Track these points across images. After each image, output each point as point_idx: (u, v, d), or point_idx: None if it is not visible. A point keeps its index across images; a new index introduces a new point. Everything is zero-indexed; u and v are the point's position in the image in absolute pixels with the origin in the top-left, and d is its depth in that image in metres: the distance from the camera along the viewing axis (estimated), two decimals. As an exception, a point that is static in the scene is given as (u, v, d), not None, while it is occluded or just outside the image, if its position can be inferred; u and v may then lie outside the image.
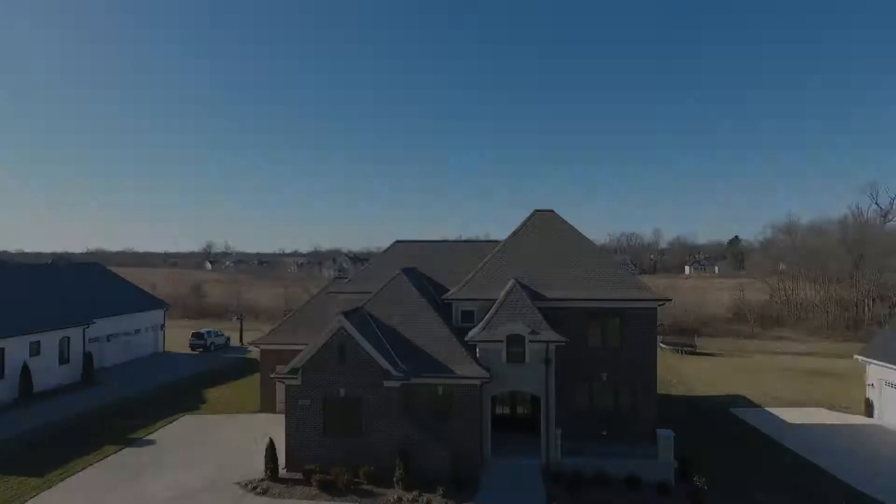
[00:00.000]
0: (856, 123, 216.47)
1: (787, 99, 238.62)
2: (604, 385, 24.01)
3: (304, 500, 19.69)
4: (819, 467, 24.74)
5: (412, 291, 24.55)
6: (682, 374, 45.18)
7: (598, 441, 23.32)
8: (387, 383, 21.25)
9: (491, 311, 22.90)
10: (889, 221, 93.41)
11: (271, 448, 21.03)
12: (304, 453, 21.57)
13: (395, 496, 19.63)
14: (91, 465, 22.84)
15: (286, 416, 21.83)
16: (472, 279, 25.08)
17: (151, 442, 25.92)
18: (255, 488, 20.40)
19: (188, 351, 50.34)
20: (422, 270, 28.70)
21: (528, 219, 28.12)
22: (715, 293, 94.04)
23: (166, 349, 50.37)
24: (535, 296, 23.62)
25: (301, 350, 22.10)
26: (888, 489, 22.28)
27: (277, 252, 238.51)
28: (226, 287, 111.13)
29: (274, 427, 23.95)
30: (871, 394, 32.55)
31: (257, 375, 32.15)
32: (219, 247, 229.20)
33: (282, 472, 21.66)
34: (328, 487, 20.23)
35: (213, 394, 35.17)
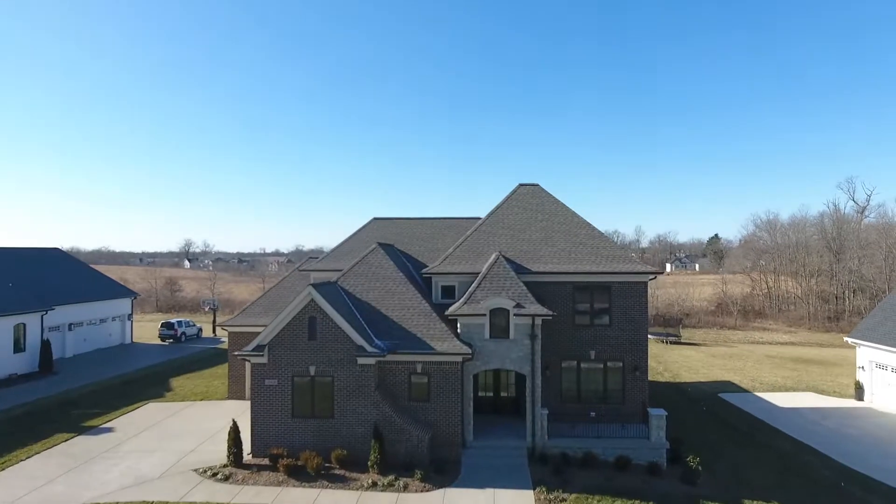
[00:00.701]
0: (828, 119, 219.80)
1: (763, 99, 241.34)
2: (592, 363, 22.74)
3: (270, 486, 18.06)
4: (812, 448, 23.88)
5: (389, 265, 23.02)
6: (667, 362, 44.35)
7: (586, 422, 22.08)
8: (360, 360, 19.70)
9: (473, 284, 21.48)
10: (865, 217, 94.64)
11: (234, 431, 19.34)
12: (271, 437, 19.94)
13: (370, 480, 18.11)
14: (37, 453, 20.92)
15: (251, 398, 20.15)
16: (453, 253, 23.64)
17: (109, 430, 24.02)
18: (215, 475, 18.70)
19: (158, 342, 48.14)
20: (400, 248, 27.19)
21: (513, 192, 26.77)
22: (697, 288, 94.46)
23: (135, 340, 48.12)
24: (519, 269, 22.27)
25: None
26: (883, 469, 21.42)
27: (258, 251, 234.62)
28: (202, 283, 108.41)
29: (242, 413, 22.22)
30: (862, 377, 31.83)
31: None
32: (198, 246, 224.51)
33: (247, 457, 20.01)
34: (297, 472, 18.62)
35: (180, 382, 33.21)
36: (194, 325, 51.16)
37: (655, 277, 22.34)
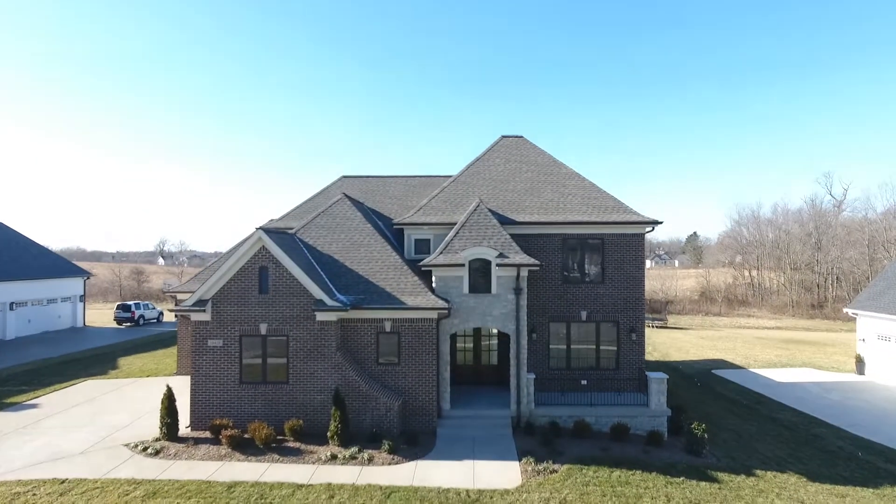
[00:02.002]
0: (806, 116, 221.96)
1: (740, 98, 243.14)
2: (583, 325, 20.36)
3: (209, 460, 15.29)
4: (820, 420, 21.90)
5: (356, 216, 20.36)
6: (655, 343, 42.42)
7: (577, 391, 19.71)
8: (320, 315, 17.02)
9: (450, 233, 18.93)
10: (843, 212, 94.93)
11: (168, 399, 16.51)
12: (214, 407, 17.15)
13: (329, 453, 15.45)
14: (-61, 430, 17.85)
15: (192, 361, 17.33)
16: (429, 204, 21.07)
17: (33, 406, 20.93)
18: (145, 449, 15.87)
19: (115, 326, 44.69)
20: (371, 207, 24.54)
21: (494, 144, 24.29)
22: (680, 280, 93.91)
23: (91, 325, 44.63)
24: (503, 220, 19.78)
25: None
26: (899, 437, 19.51)
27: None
28: (171, 276, 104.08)
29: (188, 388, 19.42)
30: (863, 349, 30.06)
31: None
32: (174, 244, 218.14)
33: (185, 430, 17.22)
34: (242, 446, 15.89)
35: (129, 361, 30.09)
36: (154, 308, 47.76)
37: (653, 229, 20.06)
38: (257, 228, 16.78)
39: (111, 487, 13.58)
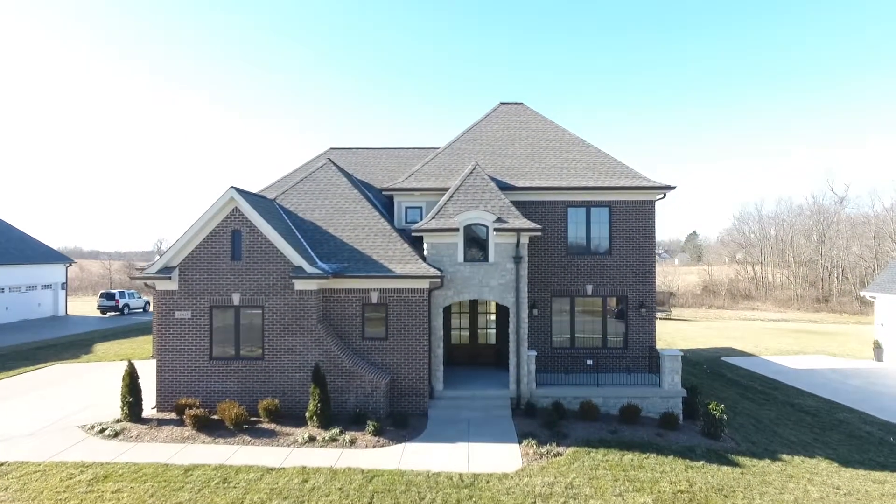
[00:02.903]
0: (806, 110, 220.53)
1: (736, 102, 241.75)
2: (589, 300, 18.74)
3: (171, 442, 13.64)
4: (843, 405, 20.30)
5: (342, 182, 18.72)
6: (660, 333, 40.64)
7: (582, 372, 18.12)
8: (299, 284, 15.38)
9: (444, 197, 17.29)
10: (844, 208, 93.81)
11: (130, 377, 14.86)
12: (182, 386, 15.51)
13: (306, 435, 13.81)
14: None
15: (158, 336, 15.68)
16: (421, 170, 19.42)
17: (-9, 390, 19.30)
18: (102, 431, 14.22)
19: (99, 316, 43.00)
20: (362, 179, 22.88)
21: (493, 110, 22.64)
22: (682, 276, 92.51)
23: (73, 314, 42.95)
24: (501, 186, 18.14)
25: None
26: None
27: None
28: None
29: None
30: (882, 335, 28.46)
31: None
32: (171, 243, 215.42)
33: (151, 412, 15.59)
34: (209, 427, 14.26)
35: (105, 347, 28.43)
36: (140, 298, 46.06)
37: (665, 196, 18.44)
38: (231, 187, 15.12)
39: (54, 471, 11.93)
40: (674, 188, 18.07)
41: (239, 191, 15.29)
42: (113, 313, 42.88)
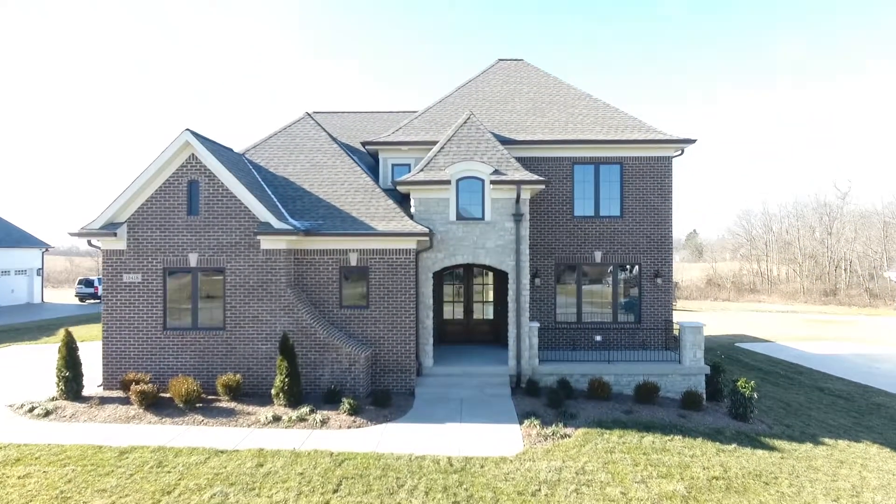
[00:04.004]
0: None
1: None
2: (598, 269, 16.72)
3: (113, 422, 11.59)
4: (879, 389, 18.29)
5: (320, 136, 16.67)
6: (667, 321, 38.84)
7: (590, 349, 16.12)
8: (265, 242, 13.34)
9: (434, 148, 15.25)
10: (847, 204, 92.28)
11: (68, 348, 12.84)
12: (132, 360, 13.47)
13: (270, 415, 11.76)
14: None
15: (104, 303, 13.63)
16: (410, 124, 17.37)
17: (-72, 371, 17.24)
18: (31, 410, 12.17)
19: (77, 303, 40.91)
20: (344, 143, 20.81)
21: (490, 67, 20.58)
22: (686, 272, 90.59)
23: (52, 302, 40.84)
24: (500, 140, 16.08)
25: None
26: None
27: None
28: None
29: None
30: (909, 317, 26.42)
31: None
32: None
33: (98, 389, 13.56)
34: (159, 405, 12.23)
35: (73, 331, 26.26)
36: (122, 286, 43.86)
37: (682, 152, 16.45)
38: (186, 130, 13.06)
39: (-43, 453, 9.89)
40: (694, 142, 16.05)
41: (195, 135, 13.24)
42: (92, 301, 40.77)
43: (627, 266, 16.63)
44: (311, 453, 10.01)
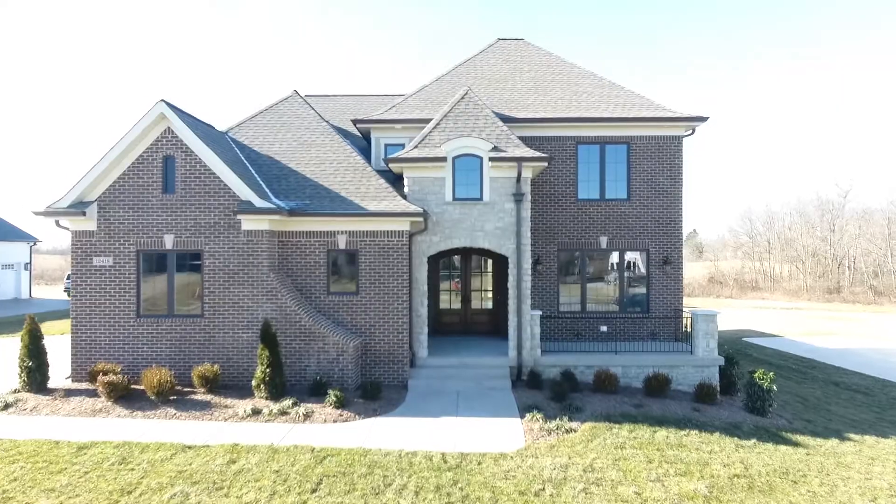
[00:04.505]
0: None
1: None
2: (603, 255, 15.77)
3: (77, 416, 10.63)
4: (897, 383, 17.44)
5: (308, 114, 15.71)
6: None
7: (595, 340, 15.18)
8: (247, 223, 12.37)
9: (430, 124, 14.29)
10: (849, 202, 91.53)
11: (31, 336, 11.88)
12: (103, 349, 12.50)
13: (250, 408, 10.80)
14: None
15: (73, 289, 12.66)
16: (404, 102, 16.42)
17: None
18: (-10, 401, 11.22)
19: (65, 298, 39.90)
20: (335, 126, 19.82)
21: (489, 46, 19.62)
22: (687, 269, 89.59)
23: (38, 296, 39.83)
24: (499, 118, 15.13)
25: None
26: None
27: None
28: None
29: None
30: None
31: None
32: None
33: (66, 381, 12.60)
34: (130, 398, 11.27)
35: (55, 324, 25.44)
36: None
37: (693, 131, 15.51)
38: (160, 101, 12.09)
39: None
40: (705, 119, 15.10)
41: (171, 106, 12.26)
42: (82, 297, 39.69)
43: (635, 252, 15.67)
44: (291, 449, 9.05)
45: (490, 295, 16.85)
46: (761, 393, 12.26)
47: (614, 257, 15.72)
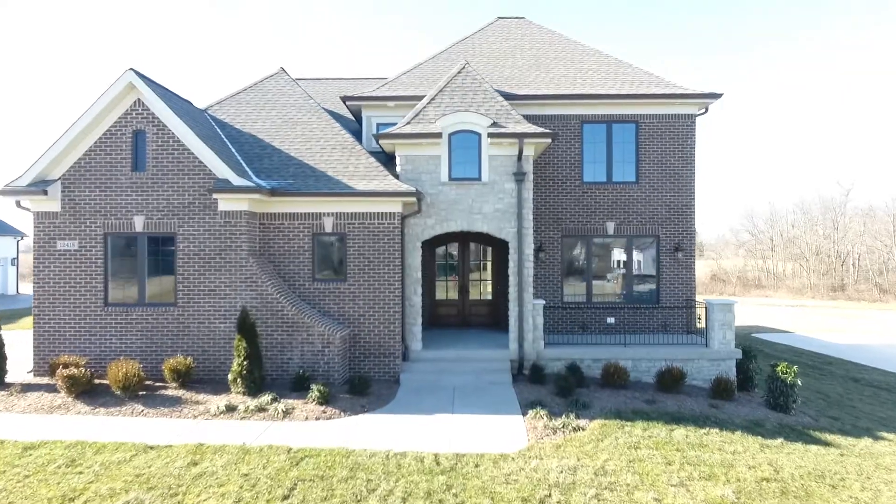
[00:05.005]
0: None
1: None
2: (610, 242, 14.76)
3: (33, 413, 9.61)
4: (927, 381, 16.43)
5: (295, 91, 14.70)
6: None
7: (601, 332, 14.18)
8: (224, 202, 11.36)
9: (424, 99, 13.28)
10: (850, 201, 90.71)
11: (-12, 323, 10.85)
12: (68, 341, 11.48)
13: (224, 404, 9.78)
14: None
15: (35, 275, 11.64)
16: (398, 79, 15.40)
17: None
18: (-62, 397, 10.21)
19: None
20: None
21: (488, 25, 18.61)
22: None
23: (24, 291, 38.78)
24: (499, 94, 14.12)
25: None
26: None
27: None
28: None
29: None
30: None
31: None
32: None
33: (28, 375, 11.58)
34: (93, 393, 10.26)
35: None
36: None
37: (706, 110, 14.52)
38: (129, 69, 11.09)
39: None
40: (720, 96, 14.09)
41: (141, 76, 11.25)
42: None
43: (644, 238, 14.66)
44: (264, 449, 8.04)
45: (489, 285, 15.84)
46: (784, 388, 11.26)
47: (622, 244, 14.70)
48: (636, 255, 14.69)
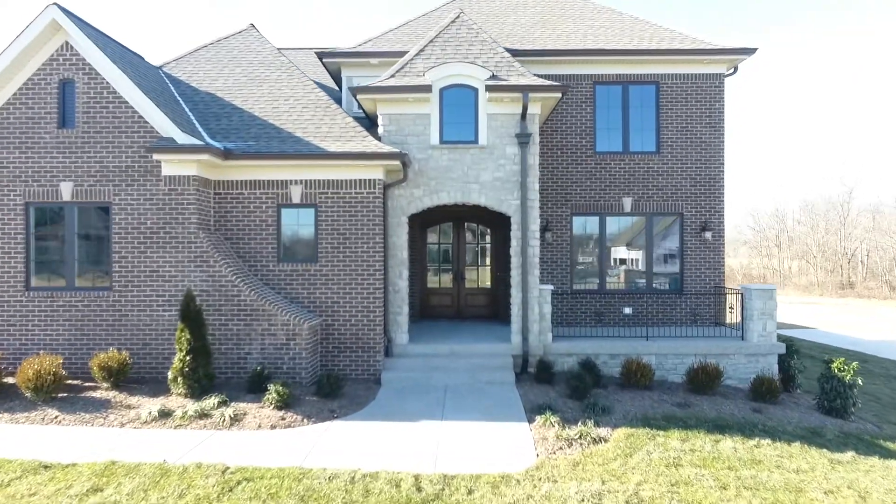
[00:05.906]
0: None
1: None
2: (627, 221, 12.86)
3: (-86, 420, 7.74)
4: (977, 379, 14.55)
5: (264, 48, 12.77)
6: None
7: (617, 324, 12.30)
8: (168, 165, 9.44)
9: (412, 51, 11.37)
10: (853, 200, 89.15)
11: None
12: (-18, 332, 9.58)
13: (156, 409, 7.87)
14: None
15: (-55, 252, 9.74)
16: (384, 36, 13.49)
17: None
18: None
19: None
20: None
21: (487, -15, 16.68)
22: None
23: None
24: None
25: None
26: None
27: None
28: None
29: None
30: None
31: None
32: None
33: (-67, 376, 9.67)
34: (1, 395, 8.36)
35: None
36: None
37: (735, 70, 12.64)
38: (52, 3, 9.19)
39: None
40: (753, 51, 12.19)
41: (68, 13, 9.34)
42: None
43: (665, 216, 12.76)
44: (191, 469, 6.13)
45: (488, 272, 13.93)
46: (842, 389, 9.40)
47: (641, 223, 12.80)
48: (657, 236, 12.78)
